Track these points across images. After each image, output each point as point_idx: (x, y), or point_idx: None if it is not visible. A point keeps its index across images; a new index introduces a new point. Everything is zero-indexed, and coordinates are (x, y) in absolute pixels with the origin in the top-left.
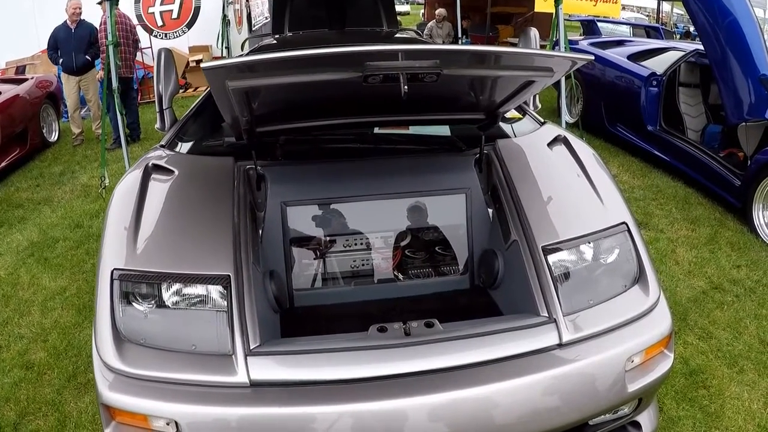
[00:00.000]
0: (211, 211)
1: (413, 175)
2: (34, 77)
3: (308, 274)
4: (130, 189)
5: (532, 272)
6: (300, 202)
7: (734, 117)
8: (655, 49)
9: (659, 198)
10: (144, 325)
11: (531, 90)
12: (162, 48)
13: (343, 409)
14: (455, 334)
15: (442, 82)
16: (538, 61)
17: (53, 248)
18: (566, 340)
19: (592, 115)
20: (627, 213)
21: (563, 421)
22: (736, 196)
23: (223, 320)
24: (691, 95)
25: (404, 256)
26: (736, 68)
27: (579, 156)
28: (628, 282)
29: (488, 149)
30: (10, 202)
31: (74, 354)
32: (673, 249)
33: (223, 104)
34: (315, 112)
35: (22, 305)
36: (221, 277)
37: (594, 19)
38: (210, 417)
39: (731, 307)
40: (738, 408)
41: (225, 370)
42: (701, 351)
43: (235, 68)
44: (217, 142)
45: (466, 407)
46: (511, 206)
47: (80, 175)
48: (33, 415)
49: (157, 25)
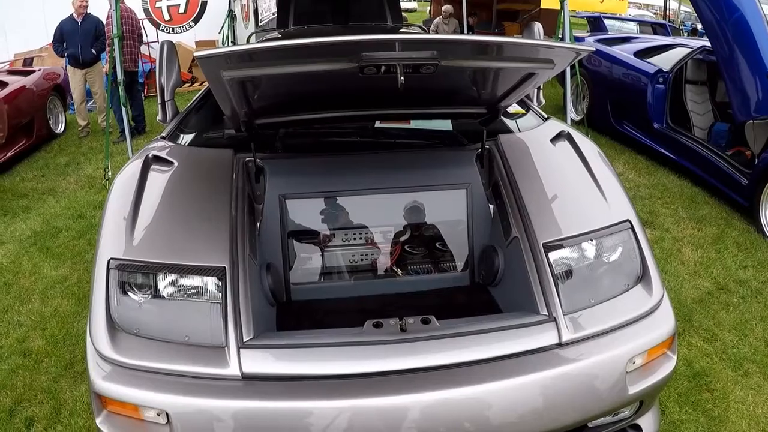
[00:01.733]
0: (209, 202)
1: (414, 169)
2: (42, 69)
3: (306, 267)
4: (129, 179)
5: (533, 269)
6: (299, 195)
7: (741, 114)
8: (661, 46)
9: (665, 196)
10: (138, 315)
11: (532, 83)
12: (165, 40)
13: (335, 404)
14: (452, 331)
15: (440, 74)
16: (539, 52)
17: (56, 238)
18: (566, 339)
19: (598, 112)
20: (631, 210)
21: (562, 423)
22: (743, 195)
23: (217, 312)
24: (698, 92)
25: (403, 251)
26: (744, 65)
27: (582, 152)
28: (631, 281)
29: (490, 144)
30: (15, 192)
31: (72, 343)
32: (679, 248)
33: (221, 95)
34: (314, 104)
35: (22, 293)
36: (217, 268)
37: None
38: (201, 409)
39: (737, 308)
40: (742, 412)
41: (217, 362)
42: (706, 353)
43: (228, 57)
44: (217, 134)
45: (461, 406)
46: (512, 202)
47: (85, 166)
48: (28, 402)
49: (164, 19)
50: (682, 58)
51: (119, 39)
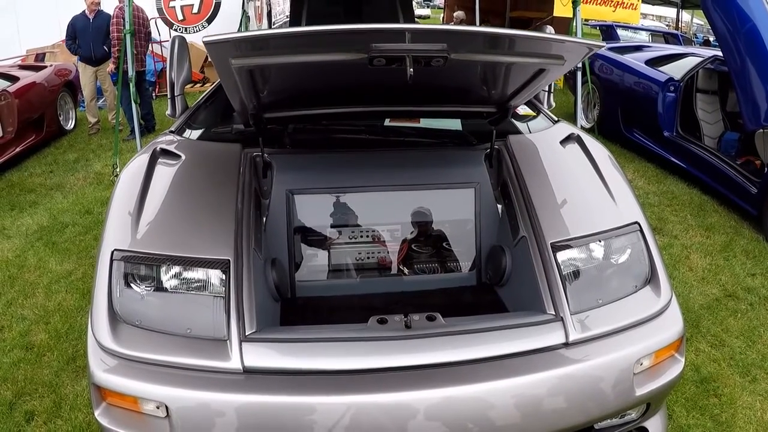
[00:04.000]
0: (215, 196)
1: (422, 168)
2: (53, 65)
3: (311, 264)
4: (136, 172)
5: (540, 269)
6: (306, 191)
7: (752, 123)
8: (673, 55)
9: (674, 204)
10: (141, 306)
11: (542, 80)
12: (176, 36)
13: (337, 400)
14: (457, 329)
15: (450, 69)
16: (549, 47)
17: (62, 233)
18: (573, 339)
19: (609, 120)
20: (640, 213)
21: (567, 424)
22: (753, 203)
23: (219, 305)
24: (708, 102)
25: (410, 250)
26: (754, 74)
27: (592, 155)
28: (639, 283)
29: (499, 144)
30: (23, 187)
31: (75, 337)
32: (687, 255)
33: (229, 85)
34: (322, 99)
35: (27, 287)
36: (221, 261)
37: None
38: (201, 402)
39: (745, 315)
40: (750, 418)
41: (219, 355)
42: (713, 359)
43: (237, 43)
44: (226, 129)
45: (465, 404)
46: (520, 202)
47: (94, 163)
48: (29, 396)
49: (177, 19)
50: (693, 67)
51: (131, 35)
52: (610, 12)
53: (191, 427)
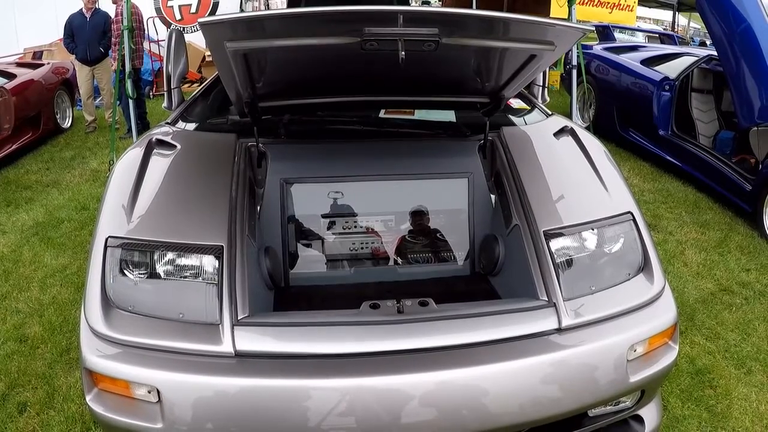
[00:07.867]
0: (209, 185)
1: (416, 158)
2: (50, 63)
3: (305, 253)
4: (132, 162)
5: (533, 257)
6: (301, 180)
7: (746, 120)
8: (668, 55)
9: (669, 201)
10: (134, 292)
11: (534, 68)
12: (173, 29)
13: (328, 383)
14: (450, 314)
15: (442, 56)
16: (539, 31)
17: (58, 228)
18: (566, 325)
19: (604, 119)
20: (632, 203)
21: (560, 410)
22: (747, 200)
23: (212, 290)
24: (703, 101)
25: (404, 240)
26: (748, 73)
27: (586, 147)
28: (633, 271)
29: (493, 136)
30: (19, 184)
31: (69, 330)
32: (682, 251)
33: (225, 72)
34: (317, 89)
35: (21, 281)
36: (214, 247)
37: (609, 26)
38: (192, 385)
39: (740, 309)
40: (745, 409)
41: (210, 339)
42: (708, 351)
43: (231, 24)
44: (221, 120)
45: (457, 388)
46: (513, 192)
47: (90, 160)
48: (22, 387)
49: (175, 18)
50: (688, 67)
51: (129, 31)
52: (607, 14)
53: (182, 412)
